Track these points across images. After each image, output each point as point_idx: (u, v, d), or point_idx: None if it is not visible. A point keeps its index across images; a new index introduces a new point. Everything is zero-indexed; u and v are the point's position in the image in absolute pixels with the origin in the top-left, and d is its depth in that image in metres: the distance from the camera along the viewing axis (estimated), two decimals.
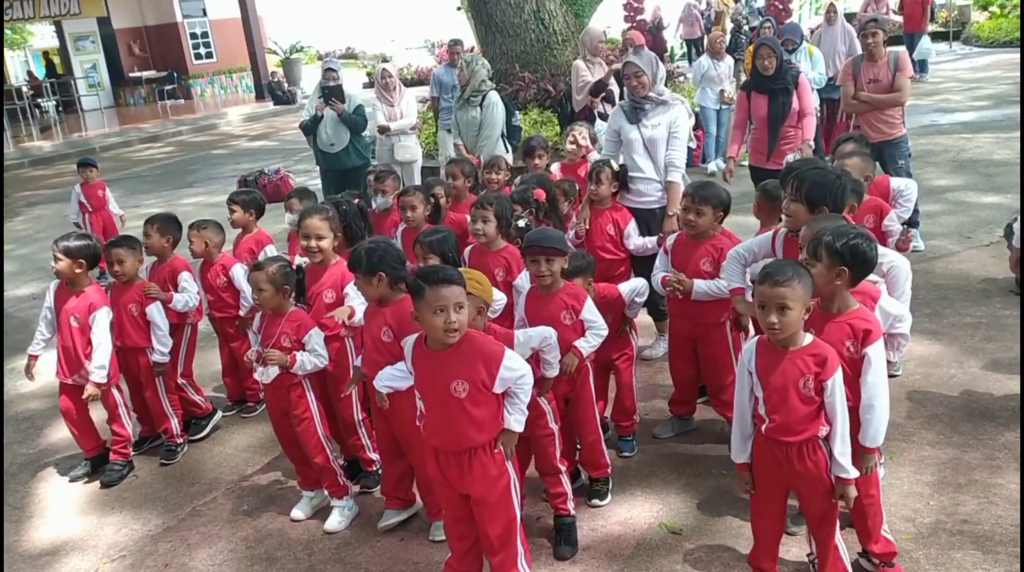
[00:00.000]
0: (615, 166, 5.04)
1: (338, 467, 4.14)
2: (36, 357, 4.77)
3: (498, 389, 3.08)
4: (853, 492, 2.97)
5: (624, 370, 4.38)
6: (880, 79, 6.78)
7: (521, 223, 4.28)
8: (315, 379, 4.12)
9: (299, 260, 4.65)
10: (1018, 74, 15.07)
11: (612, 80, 8.12)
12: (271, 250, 5.28)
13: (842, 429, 2.92)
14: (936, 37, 19.36)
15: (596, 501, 4.04)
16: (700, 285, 4.19)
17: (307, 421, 4.03)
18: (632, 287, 4.27)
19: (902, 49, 6.96)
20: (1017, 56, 17.56)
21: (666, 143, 5.19)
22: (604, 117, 7.81)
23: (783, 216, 3.78)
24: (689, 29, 22.18)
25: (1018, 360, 4.93)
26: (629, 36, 11.38)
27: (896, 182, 4.77)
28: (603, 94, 7.82)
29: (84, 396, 4.55)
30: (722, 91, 10.71)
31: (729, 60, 11.18)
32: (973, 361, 5.02)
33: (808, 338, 2.93)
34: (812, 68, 8.86)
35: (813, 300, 2.90)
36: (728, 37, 20.53)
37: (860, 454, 3.02)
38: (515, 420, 3.16)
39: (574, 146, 5.80)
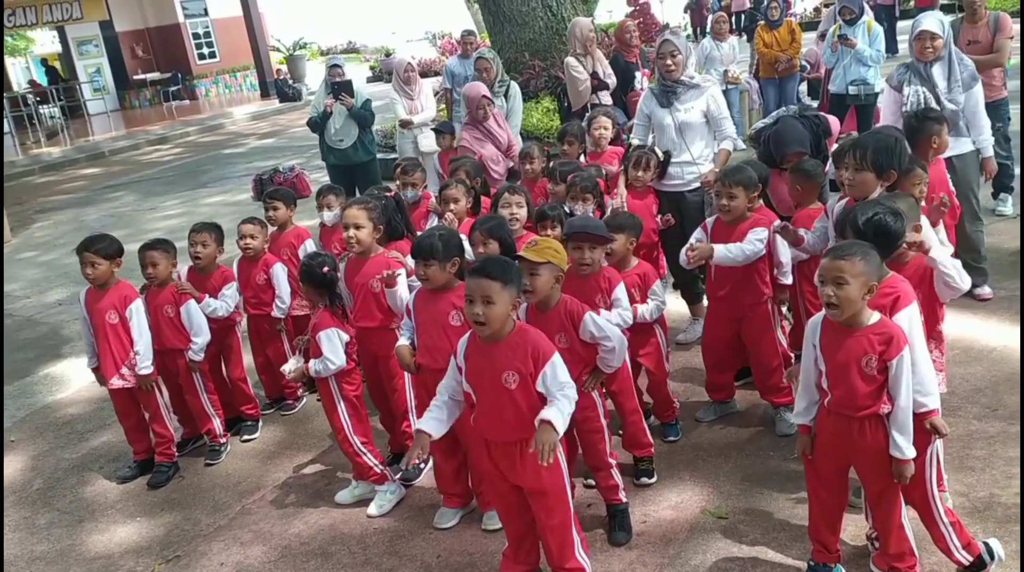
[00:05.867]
0: (660, 154, 5.05)
1: (369, 459, 4.18)
2: (98, 368, 4.75)
3: (539, 387, 3.02)
4: (910, 471, 2.95)
5: (652, 367, 4.37)
6: (980, 40, 6.65)
7: (579, 211, 4.28)
8: (367, 368, 4.26)
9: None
10: None
11: (609, 70, 8.08)
12: (310, 244, 5.30)
13: (904, 407, 2.89)
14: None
15: (644, 480, 4.06)
16: (720, 250, 4.13)
17: (333, 414, 4.17)
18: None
19: (1002, 12, 6.86)
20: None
21: (706, 127, 5.23)
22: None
23: (847, 185, 3.68)
24: (738, 1, 22.22)
25: None
26: (623, 24, 11.30)
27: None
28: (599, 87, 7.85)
29: (141, 386, 4.63)
30: (726, 71, 10.69)
31: (732, 40, 11.13)
32: (1011, 333, 5.02)
33: (875, 317, 2.91)
34: (870, 45, 8.46)
35: (875, 282, 2.88)
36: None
37: (923, 420, 3.00)
38: (553, 413, 2.92)
39: (601, 132, 5.77)
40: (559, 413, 2.93)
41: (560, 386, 2.99)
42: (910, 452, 2.93)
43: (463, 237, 4.17)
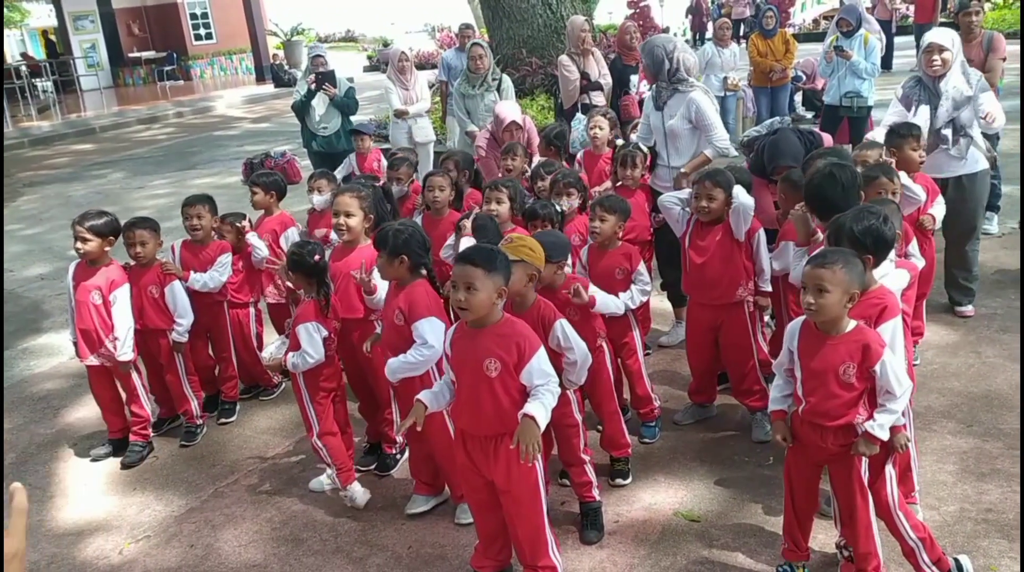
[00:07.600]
0: (644, 149, 5.07)
1: (325, 455, 4.12)
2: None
3: (523, 378, 2.99)
4: (872, 451, 2.95)
5: (629, 360, 4.38)
6: (972, 59, 6.55)
7: (564, 206, 4.27)
8: (347, 358, 4.24)
9: (333, 236, 4.59)
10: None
11: (605, 71, 8.05)
12: (294, 232, 5.27)
13: (896, 395, 2.89)
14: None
15: (619, 480, 4.07)
16: (741, 192, 4.14)
17: (300, 407, 4.15)
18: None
19: (996, 32, 6.84)
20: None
21: (694, 134, 5.20)
22: (586, 109, 7.74)
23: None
24: (738, 8, 22.23)
25: None
26: (624, 26, 11.30)
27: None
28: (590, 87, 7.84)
29: (122, 369, 4.62)
30: (726, 78, 10.71)
31: (734, 47, 11.15)
32: (990, 351, 5.06)
33: (851, 325, 2.93)
34: (866, 58, 8.49)
35: (858, 290, 2.89)
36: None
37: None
38: (536, 407, 2.89)
39: (595, 132, 5.76)
40: (542, 407, 2.90)
41: (545, 377, 2.97)
42: (883, 434, 2.92)
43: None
